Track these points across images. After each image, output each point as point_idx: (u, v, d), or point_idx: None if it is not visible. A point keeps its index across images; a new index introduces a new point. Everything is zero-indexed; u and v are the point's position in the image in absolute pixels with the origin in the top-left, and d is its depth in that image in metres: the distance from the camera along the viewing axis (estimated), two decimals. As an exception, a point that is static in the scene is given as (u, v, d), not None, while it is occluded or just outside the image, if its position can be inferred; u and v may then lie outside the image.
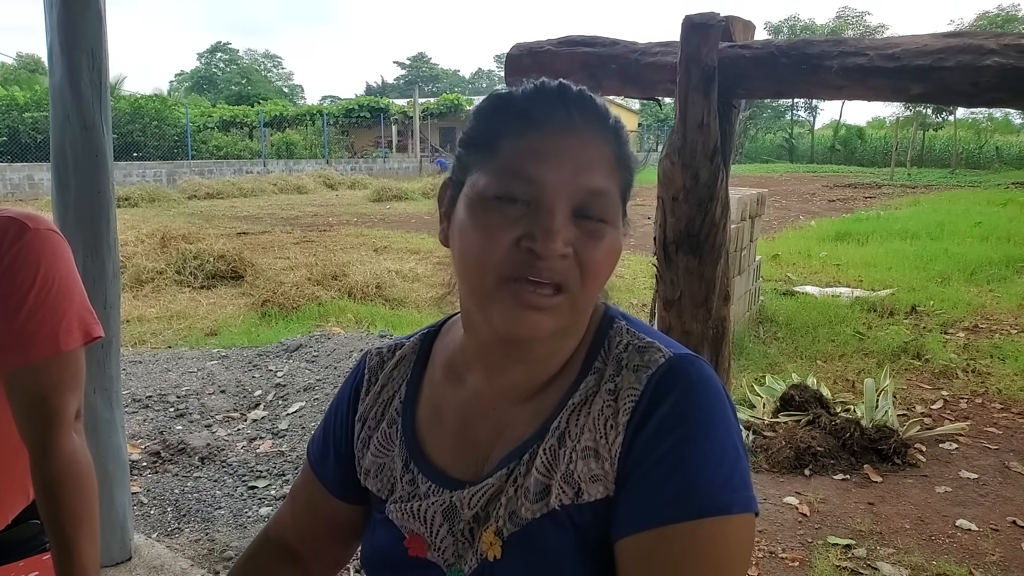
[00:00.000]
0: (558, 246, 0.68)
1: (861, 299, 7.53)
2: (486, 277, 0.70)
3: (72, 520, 1.13)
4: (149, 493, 3.57)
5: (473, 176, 0.73)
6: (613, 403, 0.73)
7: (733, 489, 0.68)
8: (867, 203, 19.01)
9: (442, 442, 0.83)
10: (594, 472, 0.72)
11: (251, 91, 51.72)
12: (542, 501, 0.73)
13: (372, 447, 0.87)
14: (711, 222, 2.08)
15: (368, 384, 0.91)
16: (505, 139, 0.72)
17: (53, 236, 1.21)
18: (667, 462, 0.68)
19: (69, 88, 2.41)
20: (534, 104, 0.73)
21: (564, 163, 0.70)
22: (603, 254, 0.72)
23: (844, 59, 1.89)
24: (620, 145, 0.75)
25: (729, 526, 0.68)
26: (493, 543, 0.74)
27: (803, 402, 4.29)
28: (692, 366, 0.73)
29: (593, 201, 0.71)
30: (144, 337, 6.36)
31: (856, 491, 3.56)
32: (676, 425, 0.69)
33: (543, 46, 2.26)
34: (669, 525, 0.67)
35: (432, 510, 0.78)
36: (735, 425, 0.72)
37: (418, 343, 0.91)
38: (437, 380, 0.86)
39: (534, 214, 0.69)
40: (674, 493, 0.67)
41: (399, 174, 28.47)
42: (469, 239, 0.71)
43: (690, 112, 2.00)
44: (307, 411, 4.57)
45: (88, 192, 2.49)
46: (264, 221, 14.59)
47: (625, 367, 0.75)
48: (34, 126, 21.37)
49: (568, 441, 0.74)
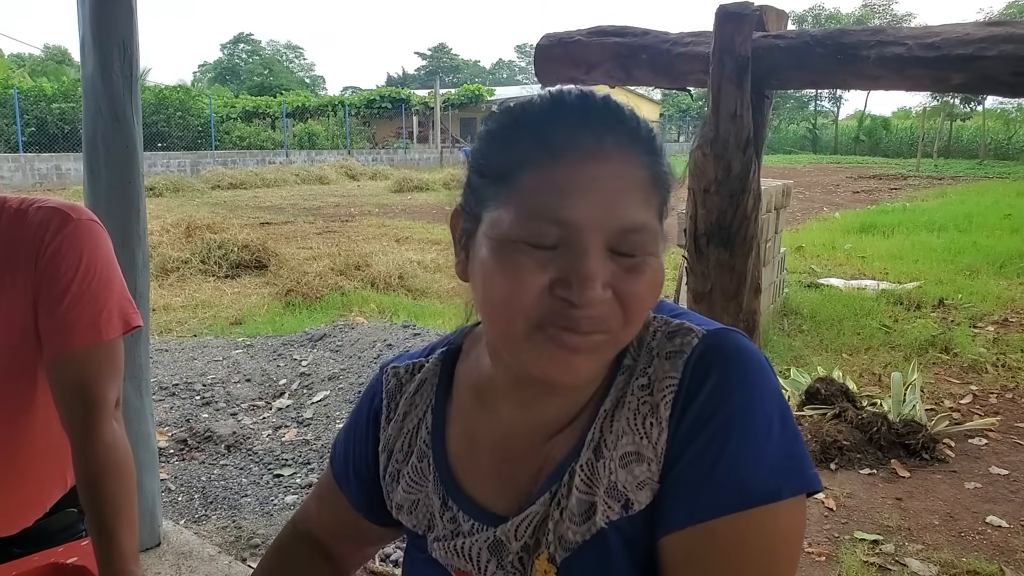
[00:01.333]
0: (596, 292, 0.61)
1: (887, 292, 7.43)
2: (515, 323, 0.64)
3: (112, 507, 1.14)
4: (176, 480, 3.62)
5: (492, 212, 0.65)
6: (649, 398, 0.68)
7: (785, 471, 0.64)
8: (893, 194, 18.75)
9: (479, 476, 0.77)
10: (640, 478, 0.67)
11: (273, 82, 51.97)
12: (588, 521, 0.68)
13: (403, 482, 0.81)
14: (743, 214, 2.06)
15: (388, 410, 0.85)
16: (525, 172, 0.63)
17: (95, 226, 1.23)
18: (712, 450, 0.64)
19: (101, 80, 2.43)
20: (554, 127, 0.64)
21: (595, 196, 0.62)
22: (646, 288, 0.64)
23: (882, 49, 1.85)
24: (656, 162, 0.66)
25: (780, 512, 0.63)
26: (548, 571, 0.70)
27: (829, 395, 4.25)
28: (728, 341, 0.68)
29: (631, 237, 0.63)
30: (170, 326, 6.43)
31: (883, 486, 3.53)
32: (718, 409, 0.64)
33: (573, 36, 2.24)
34: (716, 519, 0.63)
35: (477, 547, 0.74)
36: (782, 399, 0.67)
37: (438, 365, 0.84)
38: (465, 407, 0.80)
39: (566, 256, 0.62)
40: (720, 483, 0.63)
41: (420, 165, 28.52)
42: (494, 283, 0.64)
43: (723, 103, 1.98)
44: (331, 400, 4.60)
45: (119, 183, 2.51)
46: (287, 211, 14.68)
47: (657, 356, 0.69)
48: (61, 117, 21.65)
49: (605, 451, 0.69)
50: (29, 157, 19.68)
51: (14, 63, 35.57)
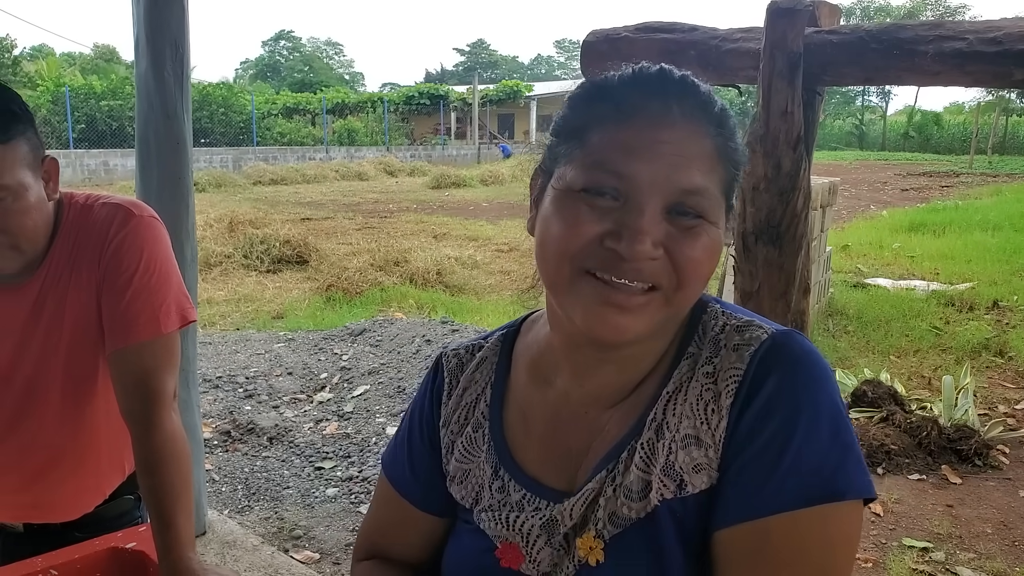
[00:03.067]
0: (646, 247, 0.64)
1: (938, 293, 7.24)
2: (563, 266, 0.67)
3: (171, 495, 1.17)
4: (221, 471, 3.69)
5: (562, 167, 0.69)
6: (713, 386, 0.69)
7: (847, 473, 0.64)
8: (944, 192, 18.27)
9: (532, 448, 0.79)
10: (697, 461, 0.68)
11: (313, 78, 52.64)
12: (644, 499, 0.69)
13: (456, 452, 0.83)
14: (792, 212, 2.02)
15: (449, 387, 0.86)
16: (596, 130, 0.67)
17: (155, 223, 1.26)
18: (774, 446, 0.64)
19: (153, 78, 2.48)
20: (630, 92, 0.68)
21: (659, 158, 0.65)
22: (701, 252, 0.67)
23: (940, 44, 1.80)
24: (725, 137, 0.69)
25: (841, 512, 0.63)
26: (594, 547, 0.71)
27: (876, 398, 4.16)
28: (796, 342, 0.69)
29: (690, 200, 0.66)
30: (213, 319, 6.56)
31: (933, 492, 3.44)
32: (782, 405, 0.65)
33: (620, 32, 2.23)
34: (778, 514, 0.63)
35: (531, 523, 0.75)
36: (842, 405, 0.67)
37: (498, 343, 0.86)
38: (522, 382, 0.82)
39: (623, 211, 0.65)
40: (781, 479, 0.63)
41: (457, 161, 28.62)
42: (551, 228, 0.68)
43: (773, 100, 1.94)
44: (371, 394, 4.64)
45: (169, 178, 2.57)
46: (327, 207, 14.86)
47: (724, 347, 0.71)
48: (110, 114, 22.21)
49: (666, 432, 0.70)
50: (79, 153, 20.25)
51: (65, 62, 36.57)
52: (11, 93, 1.16)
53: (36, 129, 1.19)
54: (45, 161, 1.19)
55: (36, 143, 1.18)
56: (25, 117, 1.15)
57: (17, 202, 1.13)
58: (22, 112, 1.15)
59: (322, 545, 3.04)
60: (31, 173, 1.16)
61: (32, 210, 1.16)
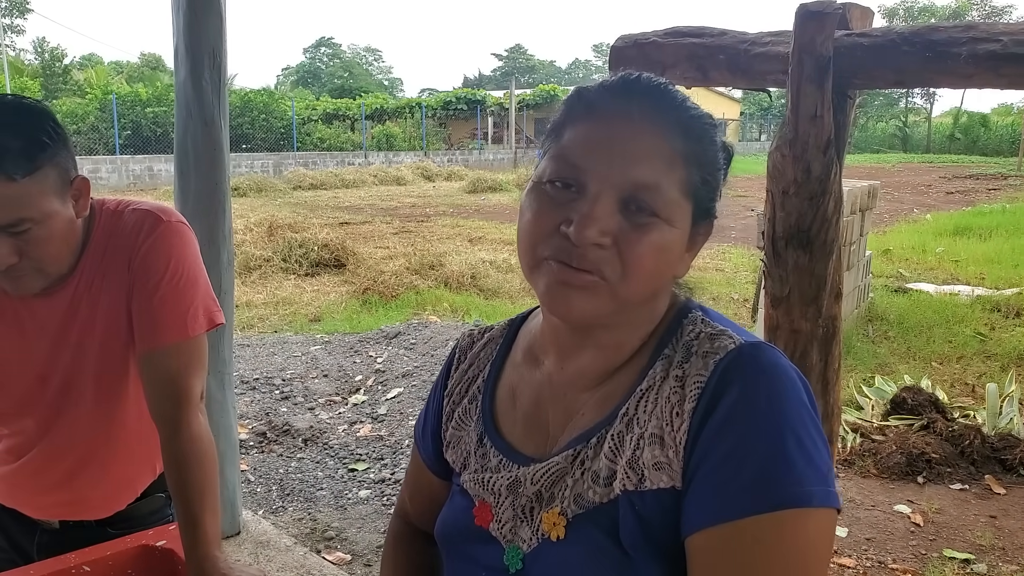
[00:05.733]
0: (591, 233, 0.68)
1: (983, 298, 7.05)
2: (529, 254, 0.73)
3: (198, 495, 1.20)
4: (256, 472, 3.76)
5: (542, 161, 0.76)
6: (680, 390, 0.71)
7: (811, 481, 0.64)
8: (991, 195, 17.78)
9: (515, 421, 0.85)
10: (658, 459, 0.70)
11: (353, 84, 53.27)
12: (609, 486, 0.73)
13: (454, 420, 0.90)
14: (823, 217, 1.99)
15: (457, 362, 0.94)
16: (569, 128, 0.74)
17: (183, 228, 1.30)
18: (738, 453, 0.65)
19: (192, 86, 2.55)
20: (602, 94, 0.73)
21: (613, 153, 0.70)
22: (647, 248, 0.70)
23: (974, 46, 1.76)
24: (692, 140, 0.72)
25: (810, 519, 0.64)
26: (557, 523, 0.75)
27: (916, 405, 4.07)
28: (763, 353, 0.70)
29: (640, 194, 0.70)
30: (252, 322, 6.68)
31: (976, 502, 3.35)
32: (746, 414, 0.66)
33: (648, 37, 2.22)
34: (743, 518, 0.64)
35: (500, 483, 0.81)
36: (812, 416, 0.68)
37: (505, 327, 0.94)
38: (517, 362, 0.89)
39: (578, 201, 0.70)
40: (747, 485, 0.64)
41: (494, 165, 28.69)
42: (523, 219, 0.75)
43: (802, 104, 1.91)
44: (405, 397, 4.69)
45: (207, 184, 2.63)
46: (365, 211, 15.03)
47: (694, 354, 0.73)
48: (154, 120, 22.76)
49: (636, 427, 0.73)
50: (124, 159, 20.78)
51: (113, 70, 37.62)
52: (42, 118, 1.14)
53: (68, 148, 1.18)
54: (75, 181, 1.19)
55: (66, 166, 1.17)
56: (55, 141, 1.14)
57: (41, 230, 1.14)
58: (52, 138, 1.13)
59: (354, 547, 3.08)
60: (58, 198, 1.16)
61: (55, 236, 1.17)
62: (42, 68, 31.04)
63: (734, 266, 8.81)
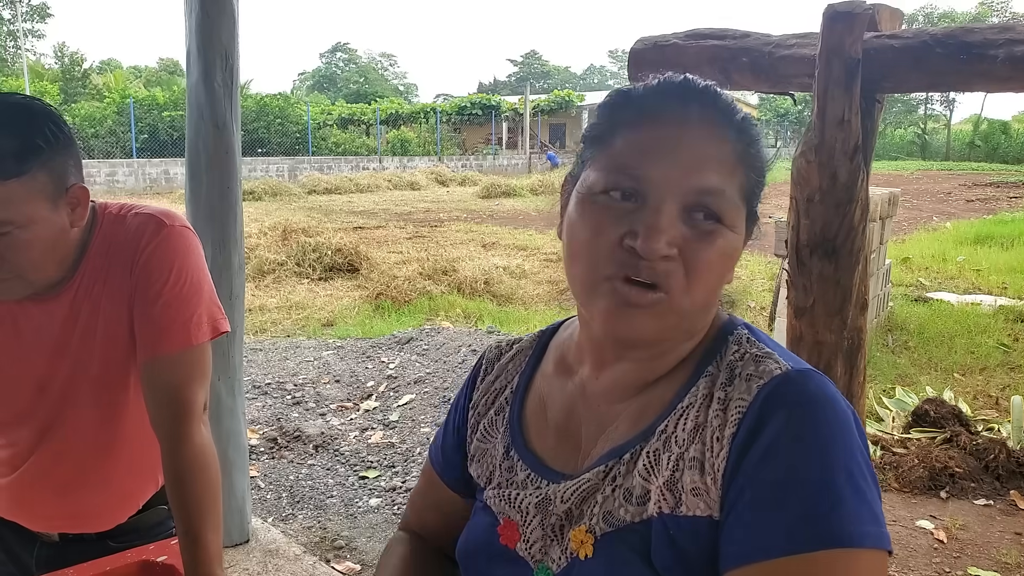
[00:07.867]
0: (660, 246, 0.65)
1: (1006, 308, 6.92)
2: (589, 274, 0.69)
3: (198, 508, 1.16)
4: (266, 478, 3.72)
5: (586, 172, 0.72)
6: (722, 413, 0.68)
7: (864, 521, 0.60)
8: (1012, 203, 17.53)
9: (545, 433, 0.82)
10: (696, 485, 0.67)
11: (368, 89, 53.53)
12: (642, 506, 0.69)
13: (479, 433, 0.88)
14: (849, 225, 1.93)
15: (484, 374, 0.92)
16: (619, 134, 0.70)
17: (187, 233, 1.25)
18: (783, 487, 0.61)
19: (204, 89, 2.52)
20: (652, 99, 0.70)
21: (676, 160, 0.67)
22: (714, 255, 0.68)
23: (1011, 48, 1.70)
24: (746, 143, 0.71)
25: (861, 561, 0.59)
26: (585, 541, 0.72)
27: (938, 418, 3.97)
28: (811, 381, 0.66)
29: (706, 200, 0.67)
30: (265, 326, 6.66)
31: (1001, 519, 3.25)
32: (792, 446, 0.62)
33: (668, 40, 2.17)
34: (790, 556, 0.59)
35: (528, 501, 0.77)
36: (863, 451, 0.64)
37: (535, 338, 0.91)
38: (548, 373, 0.86)
39: (640, 212, 0.67)
40: (792, 521, 0.60)
41: (508, 171, 28.68)
42: (576, 235, 0.71)
43: (829, 108, 1.86)
44: (417, 403, 4.64)
45: (218, 188, 2.60)
46: (379, 216, 15.04)
47: (738, 376, 0.69)
48: (171, 124, 22.95)
49: (674, 447, 0.69)
50: (141, 162, 20.96)
51: (132, 75, 37.99)
52: (40, 120, 1.10)
53: (70, 153, 1.14)
54: (72, 189, 1.15)
55: (62, 171, 1.12)
56: (52, 146, 1.09)
57: (24, 234, 1.10)
58: (48, 141, 1.09)
59: (363, 556, 3.03)
60: (48, 204, 1.11)
61: (38, 243, 1.12)
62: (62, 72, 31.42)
63: (750, 273, 8.71)
